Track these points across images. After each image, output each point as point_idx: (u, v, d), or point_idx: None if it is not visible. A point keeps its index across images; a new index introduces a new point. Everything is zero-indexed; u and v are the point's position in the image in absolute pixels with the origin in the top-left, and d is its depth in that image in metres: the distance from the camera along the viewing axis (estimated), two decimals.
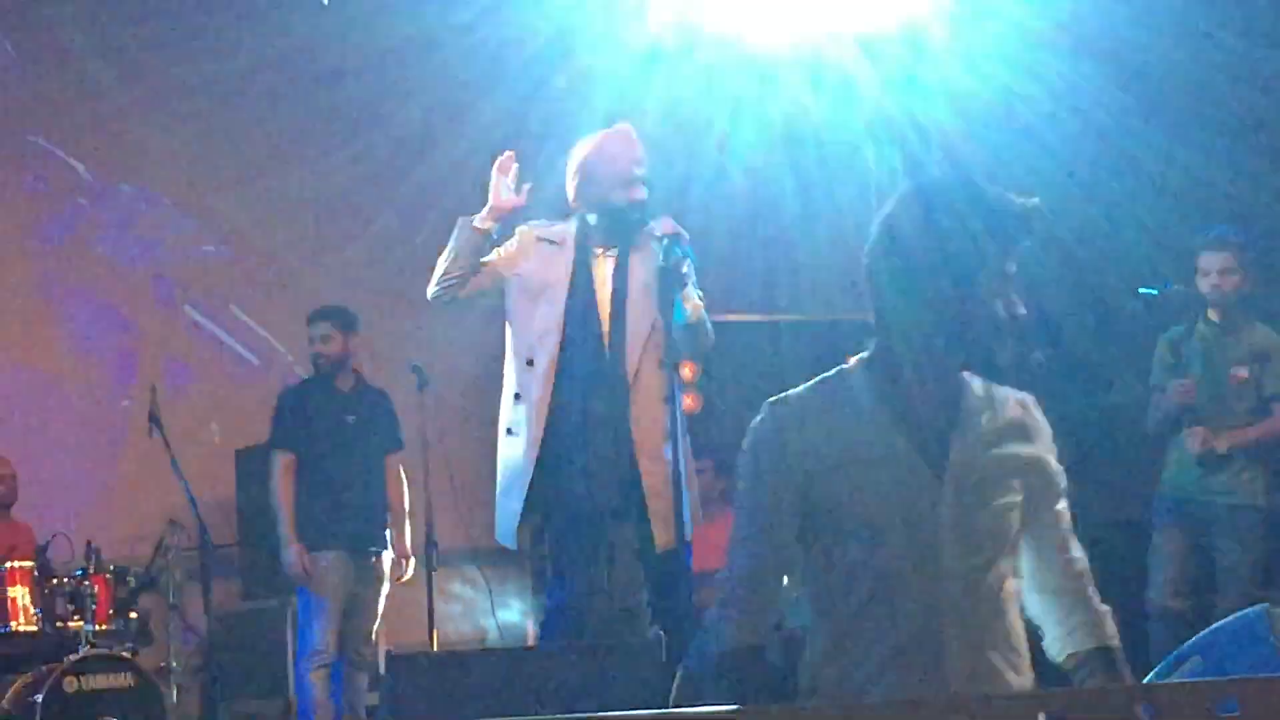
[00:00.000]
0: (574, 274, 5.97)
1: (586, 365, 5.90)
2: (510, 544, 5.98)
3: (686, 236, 5.85)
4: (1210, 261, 7.45)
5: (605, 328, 5.94)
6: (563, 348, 5.90)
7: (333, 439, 8.17)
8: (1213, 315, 7.52)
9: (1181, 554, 7.48)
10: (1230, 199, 8.66)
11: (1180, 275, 7.59)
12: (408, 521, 8.28)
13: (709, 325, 5.93)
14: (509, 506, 5.94)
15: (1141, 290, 7.57)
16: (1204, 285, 7.45)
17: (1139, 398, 7.83)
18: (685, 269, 5.78)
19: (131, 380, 9.80)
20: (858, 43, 9.04)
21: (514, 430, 5.94)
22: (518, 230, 6.11)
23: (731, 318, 9.95)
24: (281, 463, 8.12)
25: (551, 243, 6.02)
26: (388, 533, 8.25)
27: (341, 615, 8.09)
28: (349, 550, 8.12)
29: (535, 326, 5.92)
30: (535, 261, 6.00)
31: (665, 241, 5.81)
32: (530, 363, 5.89)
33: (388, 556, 8.24)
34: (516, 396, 5.93)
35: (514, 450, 5.94)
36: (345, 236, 10.45)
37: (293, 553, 8.01)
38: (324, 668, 8.04)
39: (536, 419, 5.88)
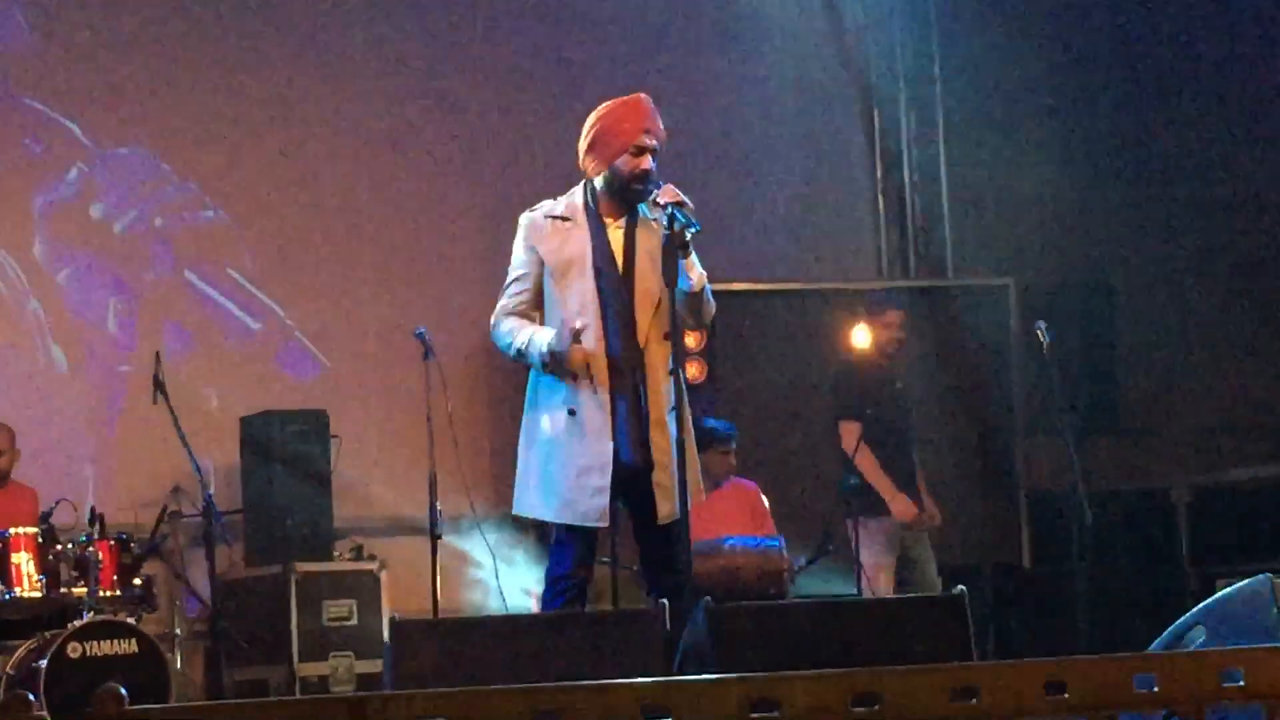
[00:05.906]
0: (594, 246, 5.94)
1: (617, 337, 5.89)
2: (602, 523, 5.91)
3: (690, 205, 5.83)
4: None
5: (624, 297, 5.93)
6: (603, 321, 5.88)
7: (887, 411, 8.74)
8: None
9: None
10: None
11: None
12: None
13: (710, 294, 5.93)
14: (592, 484, 5.87)
15: None
16: None
17: None
18: (688, 237, 5.76)
19: (131, 346, 9.78)
20: None
21: (576, 410, 5.89)
22: (523, 221, 6.04)
23: (737, 286, 9.92)
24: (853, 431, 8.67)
25: (564, 219, 5.98)
26: None
27: None
28: None
29: (573, 305, 5.89)
30: (554, 240, 5.95)
31: (669, 209, 5.79)
32: (579, 340, 5.85)
33: None
34: (574, 375, 5.90)
35: (584, 428, 5.90)
36: (348, 203, 10.41)
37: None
38: None
39: (601, 396, 5.87)
